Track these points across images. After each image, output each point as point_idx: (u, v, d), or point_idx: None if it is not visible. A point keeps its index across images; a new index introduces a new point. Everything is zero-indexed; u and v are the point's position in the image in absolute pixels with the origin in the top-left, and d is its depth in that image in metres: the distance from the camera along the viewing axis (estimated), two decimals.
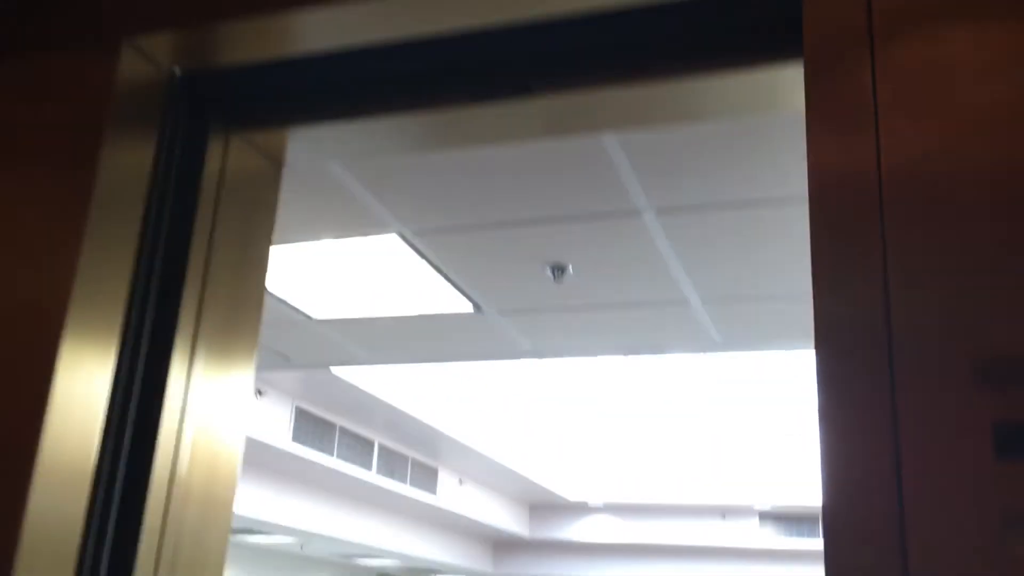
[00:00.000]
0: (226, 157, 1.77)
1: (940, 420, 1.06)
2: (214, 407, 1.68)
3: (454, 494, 12.30)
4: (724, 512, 13.77)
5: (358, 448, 10.04)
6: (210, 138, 1.74)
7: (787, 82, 1.52)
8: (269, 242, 1.90)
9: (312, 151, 1.98)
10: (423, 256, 4.13)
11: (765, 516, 13.64)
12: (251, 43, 1.66)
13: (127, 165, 1.62)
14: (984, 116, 1.16)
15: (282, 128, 1.82)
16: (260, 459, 9.03)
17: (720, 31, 1.52)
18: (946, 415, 1.06)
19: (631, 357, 7.18)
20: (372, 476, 10.29)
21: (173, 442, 1.59)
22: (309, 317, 5.03)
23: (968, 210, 1.13)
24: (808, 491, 12.12)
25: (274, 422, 8.62)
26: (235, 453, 1.73)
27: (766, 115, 2.48)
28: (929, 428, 1.07)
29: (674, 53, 1.56)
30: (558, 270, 4.13)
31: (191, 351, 1.64)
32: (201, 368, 1.66)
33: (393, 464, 10.78)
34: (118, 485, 1.51)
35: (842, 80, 1.25)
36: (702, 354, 6.84)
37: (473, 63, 1.67)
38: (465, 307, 4.68)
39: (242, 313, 1.79)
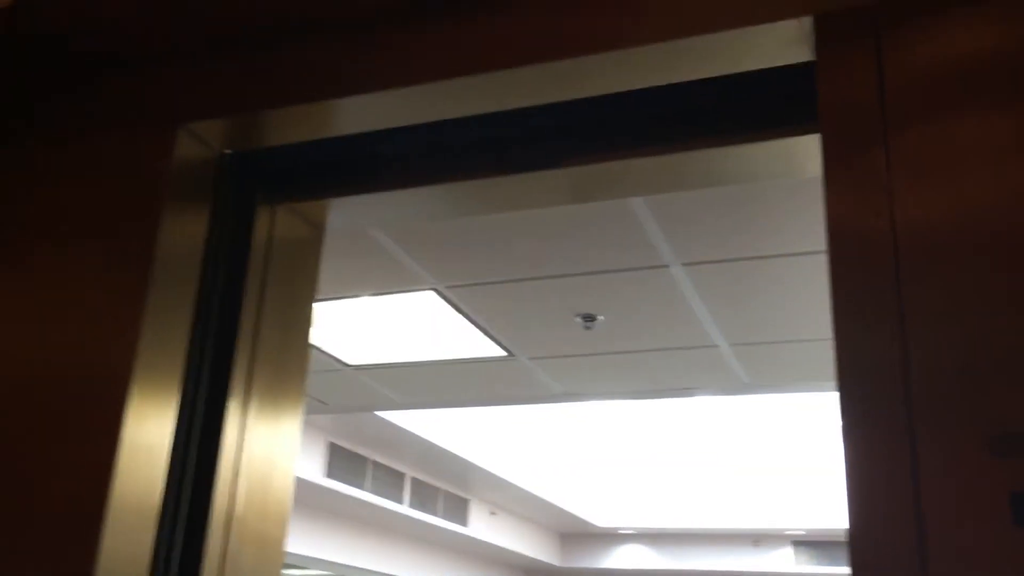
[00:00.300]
0: (272, 226, 1.91)
1: (959, 487, 1.14)
2: (266, 453, 1.82)
3: (485, 525, 12.30)
4: (757, 539, 13.58)
5: (390, 481, 10.12)
6: (257, 210, 1.88)
7: (804, 150, 1.60)
8: (313, 300, 2.05)
9: (352, 218, 2.13)
10: (457, 308, 4.26)
11: (799, 543, 13.45)
12: (295, 126, 1.81)
13: (183, 237, 1.76)
14: (991, 194, 1.24)
15: (324, 199, 1.96)
16: (295, 495, 9.11)
17: (740, 105, 1.62)
18: (965, 482, 1.13)
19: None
20: (404, 509, 10.34)
21: (229, 486, 1.73)
22: (345, 364, 5.17)
23: (978, 282, 1.21)
24: (842, 517, 11.88)
25: (308, 458, 8.74)
26: (286, 495, 1.87)
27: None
28: (948, 493, 1.14)
29: (696, 126, 1.66)
30: (588, 319, 4.24)
31: (244, 403, 1.79)
32: (253, 418, 1.80)
33: (424, 496, 10.83)
34: (180, 527, 1.65)
35: (856, 153, 1.34)
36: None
37: (503, 138, 1.79)
38: (498, 353, 4.80)
39: (290, 367, 1.93)
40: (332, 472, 9.07)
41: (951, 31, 1.36)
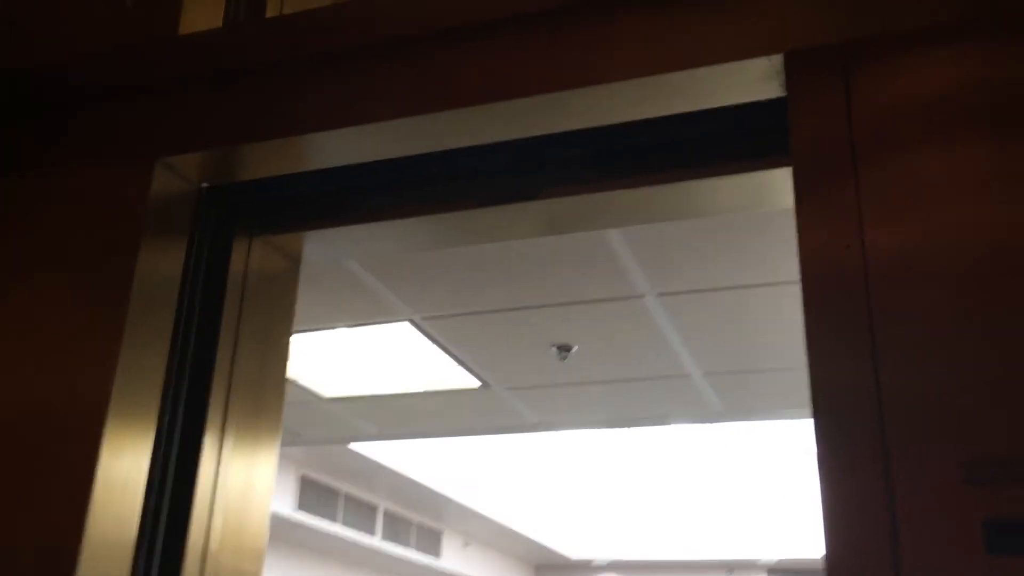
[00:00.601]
0: (249, 258, 1.92)
1: (934, 515, 1.16)
2: (242, 488, 1.81)
3: (458, 557, 12.24)
4: (731, 567, 13.55)
5: (362, 514, 10.05)
6: (234, 242, 1.89)
7: (776, 183, 1.63)
8: (290, 333, 2.05)
9: (328, 250, 2.13)
10: (432, 339, 4.25)
11: (773, 571, 13.44)
12: (271, 160, 1.82)
13: (160, 270, 1.76)
14: (957, 227, 1.28)
15: (300, 231, 1.97)
16: None
17: (714, 139, 1.64)
18: (939, 510, 1.16)
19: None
20: (376, 541, 10.27)
21: (205, 521, 1.72)
22: (319, 396, 5.16)
23: (947, 311, 1.25)
24: (817, 544, 11.84)
25: (279, 491, 8.66)
26: (262, 530, 1.86)
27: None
28: (923, 521, 1.16)
29: (671, 159, 1.69)
30: (563, 349, 4.25)
31: (220, 437, 1.78)
32: (229, 452, 1.79)
33: (397, 528, 10.76)
34: (155, 563, 1.63)
35: (827, 186, 1.37)
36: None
37: (479, 171, 1.81)
38: (473, 383, 4.80)
39: (266, 400, 1.93)
40: (303, 505, 9.01)
41: (918, 69, 1.40)
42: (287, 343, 2.02)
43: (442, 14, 1.68)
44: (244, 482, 1.82)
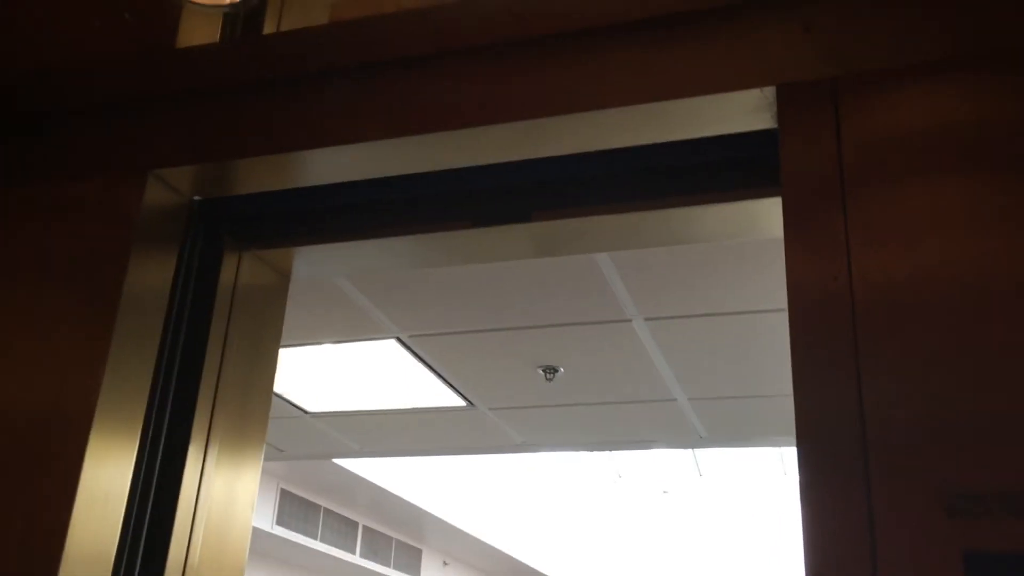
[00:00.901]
0: (238, 272, 1.92)
1: (914, 546, 1.17)
2: (224, 502, 1.80)
3: (438, 575, 12.19)
4: None
5: (342, 530, 9.99)
6: (224, 256, 1.89)
7: (765, 212, 1.65)
8: (277, 347, 2.05)
9: (317, 267, 2.14)
10: (418, 357, 4.25)
11: None
12: (263, 175, 1.83)
13: (149, 281, 1.77)
14: (944, 260, 1.30)
15: (290, 247, 1.97)
16: None
17: (704, 167, 1.66)
18: (920, 541, 1.17)
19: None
20: (356, 559, 10.21)
21: (187, 534, 1.71)
22: (304, 411, 5.14)
23: (933, 343, 1.26)
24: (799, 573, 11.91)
25: (258, 505, 8.60)
26: (243, 544, 1.85)
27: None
28: (903, 552, 1.17)
29: (662, 186, 1.70)
30: (550, 371, 4.26)
31: (204, 448, 1.78)
32: (213, 464, 1.79)
33: (377, 546, 10.70)
34: (136, 573, 1.64)
35: (816, 217, 1.38)
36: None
37: (475, 192, 1.82)
38: (458, 403, 4.80)
39: (251, 413, 1.93)
40: (283, 520, 8.95)
41: (907, 103, 1.42)
42: (275, 357, 2.02)
43: (435, 37, 1.70)
44: (227, 495, 1.82)
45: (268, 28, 2.02)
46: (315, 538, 9.44)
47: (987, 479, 1.18)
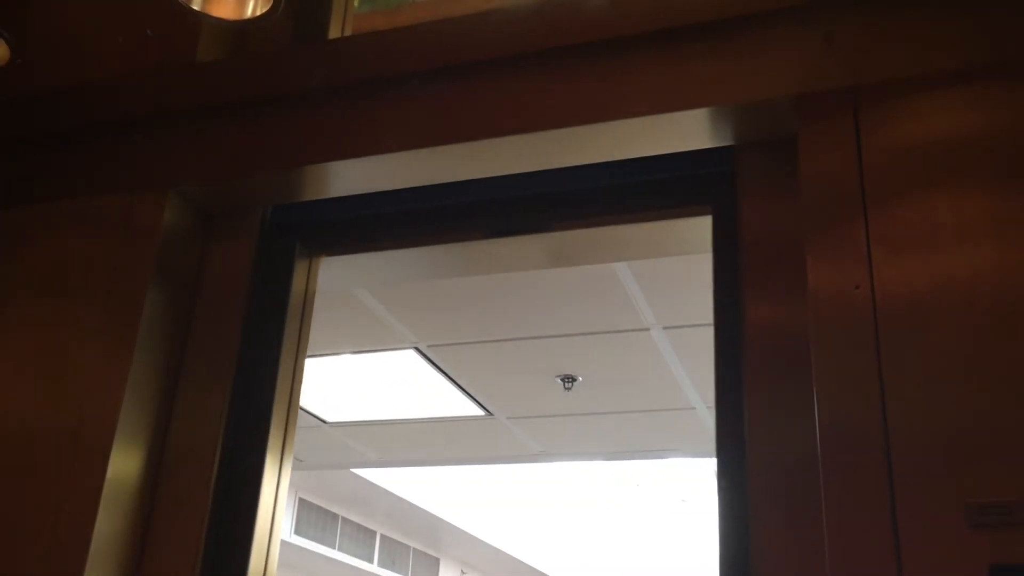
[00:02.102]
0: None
1: (939, 558, 1.17)
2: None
3: None
4: None
5: (360, 539, 9.96)
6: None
7: None
8: (304, 356, 2.06)
9: (339, 277, 2.15)
10: (437, 367, 4.25)
11: None
12: (279, 190, 1.86)
13: (168, 298, 1.80)
14: (966, 269, 1.30)
15: (318, 257, 1.99)
16: None
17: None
18: (945, 553, 1.16)
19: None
20: (374, 568, 10.17)
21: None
22: (323, 421, 5.15)
23: (956, 354, 1.26)
24: None
25: None
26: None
27: None
28: (928, 564, 1.17)
29: (680, 195, 1.71)
30: (568, 380, 4.25)
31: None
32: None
33: (395, 555, 10.67)
34: None
35: (838, 226, 1.38)
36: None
37: (497, 202, 1.83)
38: (476, 412, 4.79)
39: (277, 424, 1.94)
40: (300, 529, 8.95)
41: (928, 112, 1.42)
42: (302, 367, 2.03)
43: (458, 49, 1.71)
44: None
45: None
46: (333, 547, 9.42)
47: (1014, 489, 1.17)
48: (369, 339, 3.98)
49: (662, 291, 3.37)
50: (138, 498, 1.67)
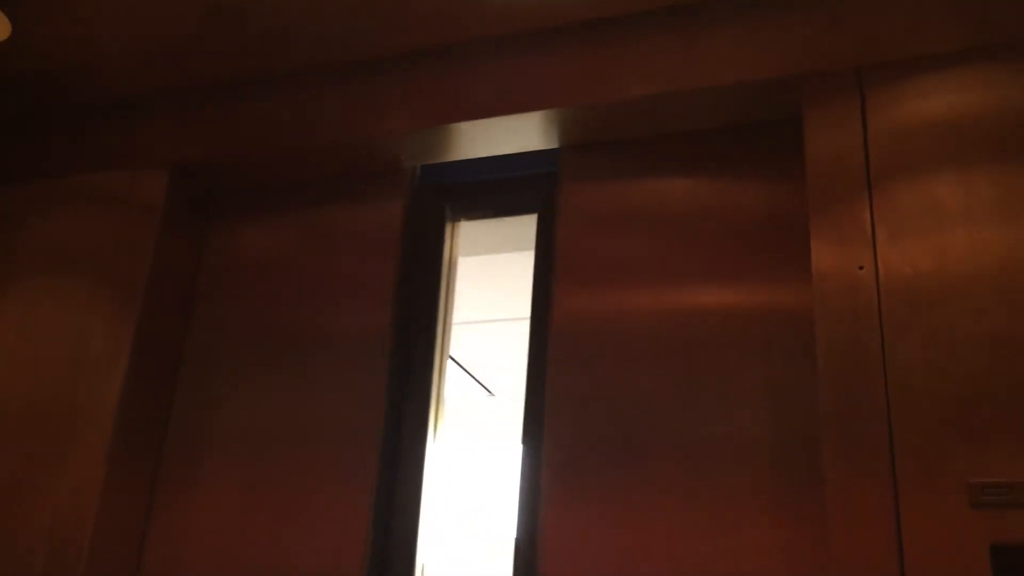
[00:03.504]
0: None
1: (940, 537, 1.16)
2: None
3: None
4: None
5: None
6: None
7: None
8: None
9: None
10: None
11: None
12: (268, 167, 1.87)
13: (170, 274, 1.82)
14: (970, 249, 1.29)
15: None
16: None
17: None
18: (946, 533, 1.16)
19: None
20: None
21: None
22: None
23: (958, 334, 1.25)
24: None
25: None
26: None
27: None
28: (929, 543, 1.16)
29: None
30: None
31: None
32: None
33: None
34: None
35: (842, 206, 1.37)
36: None
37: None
38: (479, 393, 4.75)
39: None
40: None
41: (934, 92, 1.41)
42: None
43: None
44: None
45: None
46: None
47: (1014, 470, 1.17)
48: None
49: None
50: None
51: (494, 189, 1.84)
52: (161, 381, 1.76)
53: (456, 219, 1.89)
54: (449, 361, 1.87)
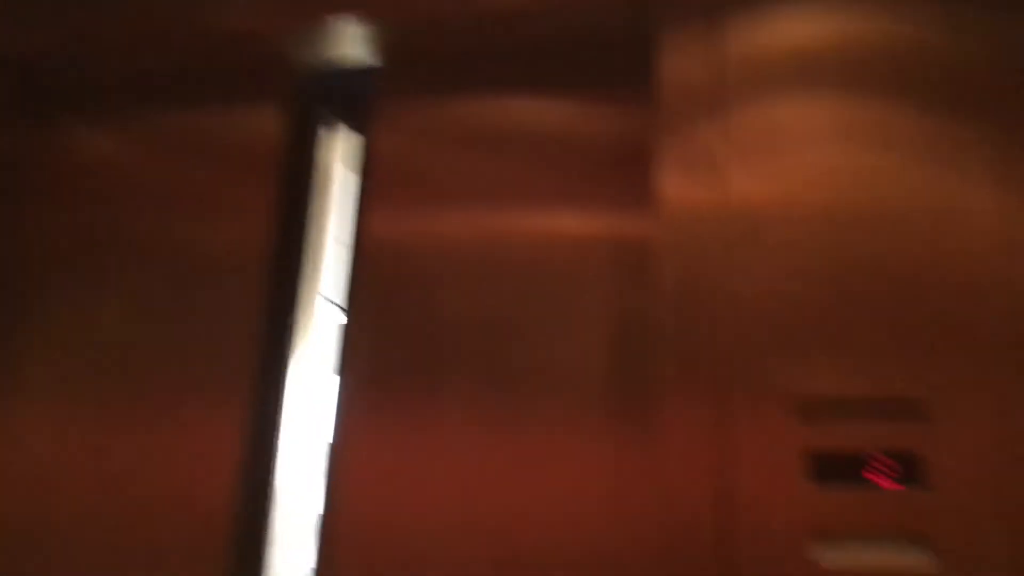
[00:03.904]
0: None
1: (766, 447, 1.21)
2: None
3: None
4: None
5: None
6: None
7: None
8: None
9: None
10: None
11: None
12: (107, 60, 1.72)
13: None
14: (810, 173, 1.32)
15: None
16: None
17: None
18: (771, 443, 1.21)
19: None
20: None
21: None
22: None
23: (796, 254, 1.29)
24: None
25: None
26: None
27: None
28: (755, 452, 1.21)
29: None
30: None
31: None
32: None
33: None
34: None
35: (691, 133, 1.38)
36: None
37: None
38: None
39: None
40: None
41: (788, 21, 1.41)
42: None
43: None
44: None
45: None
46: None
47: (831, 386, 1.23)
48: None
49: None
50: None
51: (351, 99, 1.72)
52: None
53: (333, 127, 1.76)
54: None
